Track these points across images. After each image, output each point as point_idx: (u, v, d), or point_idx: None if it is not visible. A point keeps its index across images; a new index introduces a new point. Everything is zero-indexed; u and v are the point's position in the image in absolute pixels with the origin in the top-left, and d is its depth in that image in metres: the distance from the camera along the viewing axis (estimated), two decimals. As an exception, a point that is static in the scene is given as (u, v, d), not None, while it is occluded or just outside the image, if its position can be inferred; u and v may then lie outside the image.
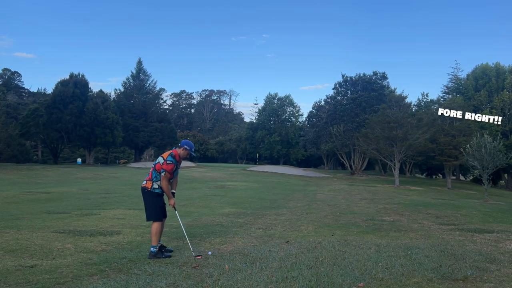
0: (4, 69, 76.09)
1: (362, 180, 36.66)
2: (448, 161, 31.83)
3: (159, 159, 5.64)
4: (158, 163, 5.60)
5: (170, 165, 5.52)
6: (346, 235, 7.33)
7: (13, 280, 4.20)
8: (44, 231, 7.04)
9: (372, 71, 48.76)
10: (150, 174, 5.63)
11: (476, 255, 5.50)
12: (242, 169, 44.00)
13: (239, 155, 75.31)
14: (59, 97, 44.91)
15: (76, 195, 15.53)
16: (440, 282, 4.22)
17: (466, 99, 41.26)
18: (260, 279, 4.27)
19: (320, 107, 54.60)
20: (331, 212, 11.58)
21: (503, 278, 4.38)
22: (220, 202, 14.01)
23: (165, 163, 5.53)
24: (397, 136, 31.92)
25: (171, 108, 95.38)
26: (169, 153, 5.67)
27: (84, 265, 4.85)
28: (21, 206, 11.78)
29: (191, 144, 5.78)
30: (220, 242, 6.56)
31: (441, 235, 7.45)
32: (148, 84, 57.99)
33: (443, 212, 12.09)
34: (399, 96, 40.23)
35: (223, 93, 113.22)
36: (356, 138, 38.43)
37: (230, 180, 27.43)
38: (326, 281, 4.18)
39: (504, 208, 15.45)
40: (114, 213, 10.11)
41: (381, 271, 4.59)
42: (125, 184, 22.60)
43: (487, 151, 22.71)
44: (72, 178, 27.60)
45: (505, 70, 43.45)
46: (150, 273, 4.52)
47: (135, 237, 6.88)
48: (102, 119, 44.80)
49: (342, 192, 21.48)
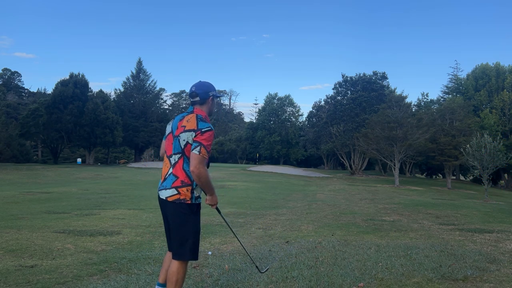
0: (4, 69, 76.20)
1: (362, 180, 36.66)
2: (448, 161, 31.84)
3: (185, 136, 3.06)
4: (187, 143, 3.06)
5: (211, 138, 3.06)
6: (346, 235, 7.33)
7: (13, 280, 4.19)
8: (44, 231, 7.04)
9: (372, 71, 48.83)
10: (182, 171, 3.10)
11: (476, 255, 5.49)
12: (242, 169, 43.99)
13: (239, 155, 75.31)
14: (59, 97, 44.95)
15: (76, 195, 15.52)
16: (440, 282, 4.22)
17: (466, 99, 41.27)
18: (260, 279, 4.27)
19: (320, 107, 54.60)
20: (331, 212, 11.57)
21: (503, 278, 4.38)
22: (220, 202, 13.97)
23: (200, 135, 3.02)
24: (397, 136, 31.92)
25: (171, 108, 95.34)
26: (194, 118, 3.12)
27: (84, 265, 4.85)
28: (21, 206, 11.78)
29: (212, 87, 3.34)
30: (220, 242, 6.56)
31: (441, 235, 7.45)
32: (148, 84, 58.07)
33: (443, 212, 12.08)
34: (399, 96, 40.22)
35: (223, 93, 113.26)
36: (356, 138, 38.44)
37: (230, 180, 27.41)
38: (326, 281, 4.18)
39: (504, 208, 15.44)
40: (114, 213, 10.11)
41: (381, 271, 4.59)
42: (125, 184, 22.59)
43: (487, 151, 22.72)
44: (72, 178, 27.59)
45: (505, 70, 43.46)
46: (150, 273, 4.52)
47: (135, 237, 6.88)
48: (102, 119, 44.82)
49: (342, 192, 21.47)
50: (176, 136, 3.14)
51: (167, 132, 3.32)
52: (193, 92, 3.25)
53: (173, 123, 3.27)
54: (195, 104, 3.24)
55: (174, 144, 3.15)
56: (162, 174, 3.25)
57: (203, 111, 3.22)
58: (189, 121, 3.10)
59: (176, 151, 3.12)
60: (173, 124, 3.25)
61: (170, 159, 3.17)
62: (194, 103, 3.25)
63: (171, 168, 3.15)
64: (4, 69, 76.26)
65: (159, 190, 3.25)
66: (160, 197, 3.23)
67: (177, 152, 3.12)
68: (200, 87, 3.26)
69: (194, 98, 3.24)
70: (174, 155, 3.14)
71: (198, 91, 3.24)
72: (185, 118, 3.16)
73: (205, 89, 3.26)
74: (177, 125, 3.18)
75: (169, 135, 3.24)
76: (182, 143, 3.08)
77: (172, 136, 3.19)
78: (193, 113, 3.18)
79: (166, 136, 3.31)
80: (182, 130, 3.09)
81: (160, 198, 3.23)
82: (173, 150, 3.15)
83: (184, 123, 3.12)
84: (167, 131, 3.31)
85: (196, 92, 3.24)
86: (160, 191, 3.22)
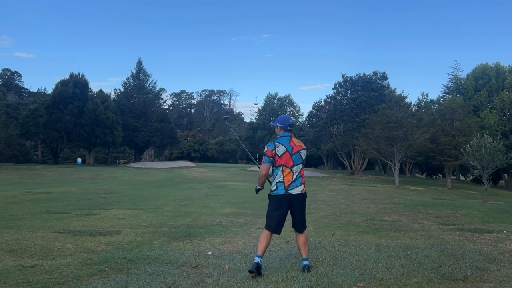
0: (4, 69, 76.17)
1: (362, 180, 36.66)
2: (448, 161, 31.84)
3: (304, 152, 4.74)
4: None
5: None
6: (346, 235, 7.34)
7: (13, 280, 4.20)
8: (44, 231, 7.04)
9: (372, 71, 48.79)
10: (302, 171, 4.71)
11: (476, 255, 5.50)
12: (242, 169, 44.01)
13: (239, 155, 75.32)
14: (59, 97, 44.92)
15: (76, 195, 15.52)
16: (440, 282, 4.22)
17: (466, 99, 41.26)
18: (260, 279, 4.27)
19: (320, 107, 54.58)
20: (331, 212, 11.57)
21: (503, 278, 4.38)
22: (220, 202, 14.00)
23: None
24: (397, 136, 31.92)
25: (171, 108, 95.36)
26: (299, 140, 4.82)
27: (84, 265, 4.85)
28: (21, 206, 11.78)
29: (281, 118, 4.77)
30: (220, 242, 6.56)
31: (441, 235, 7.45)
32: (148, 84, 57.99)
33: (443, 212, 12.08)
34: (399, 96, 40.20)
35: (223, 93, 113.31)
36: (356, 138, 38.43)
37: (230, 180, 27.42)
38: (326, 281, 4.19)
39: (504, 208, 15.44)
40: (114, 213, 10.11)
41: (381, 271, 4.59)
42: (125, 184, 22.60)
43: (487, 151, 22.71)
44: (72, 178, 27.60)
45: (505, 70, 43.44)
46: (150, 273, 4.52)
47: (135, 237, 6.88)
48: (102, 119, 44.80)
49: (342, 192, 21.47)
50: (295, 152, 4.62)
51: (281, 152, 4.57)
52: (292, 123, 4.75)
53: (285, 144, 4.62)
54: (291, 131, 4.74)
55: (295, 157, 4.62)
56: (288, 180, 4.57)
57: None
58: (299, 142, 4.71)
59: (298, 162, 4.65)
60: (286, 144, 4.61)
61: (293, 168, 4.59)
62: (291, 130, 4.73)
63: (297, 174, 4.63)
64: (4, 69, 76.28)
65: (289, 190, 4.55)
66: (293, 193, 4.56)
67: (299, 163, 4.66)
68: (292, 121, 4.83)
69: (292, 127, 4.75)
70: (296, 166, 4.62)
71: (293, 123, 4.82)
72: (293, 140, 4.68)
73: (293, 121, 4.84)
74: (290, 145, 4.62)
75: (286, 153, 4.58)
76: (303, 156, 4.70)
77: (290, 154, 4.59)
78: (293, 136, 4.72)
79: (282, 154, 4.56)
80: (300, 149, 4.67)
81: (293, 194, 4.57)
82: (295, 162, 4.62)
83: (297, 143, 4.68)
84: (282, 151, 4.58)
85: (293, 124, 4.77)
86: (292, 189, 4.56)
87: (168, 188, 21.16)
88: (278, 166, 4.55)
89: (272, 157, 4.56)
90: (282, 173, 4.54)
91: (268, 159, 4.57)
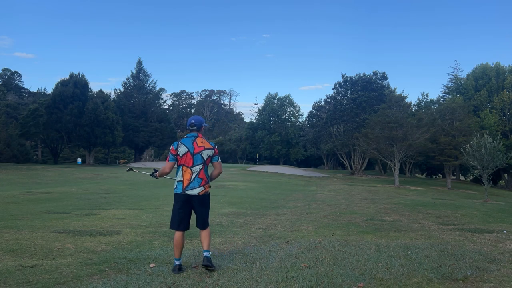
0: (4, 69, 76.18)
1: (362, 180, 36.66)
2: (448, 161, 31.84)
3: (207, 152, 4.73)
4: (208, 157, 4.74)
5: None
6: (346, 235, 7.33)
7: (13, 280, 4.20)
8: (44, 231, 7.04)
9: (372, 71, 48.85)
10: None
11: (476, 255, 5.50)
12: (242, 169, 44.00)
13: (239, 155, 75.34)
14: (59, 97, 44.93)
15: (76, 195, 15.52)
16: (440, 282, 4.22)
17: (466, 99, 41.28)
18: (260, 279, 4.27)
19: (320, 107, 54.61)
20: (331, 212, 11.57)
21: (503, 278, 4.38)
22: (220, 202, 13.99)
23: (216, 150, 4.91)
24: (397, 136, 31.93)
25: (171, 108, 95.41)
26: (205, 140, 4.84)
27: (84, 265, 4.85)
28: (21, 206, 11.78)
29: (189, 119, 4.91)
30: (220, 242, 6.56)
31: (441, 235, 7.45)
32: (148, 84, 58.03)
33: (443, 212, 12.08)
34: (399, 96, 40.25)
35: (223, 93, 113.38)
36: (356, 138, 38.45)
37: (230, 180, 27.41)
38: (326, 281, 4.19)
39: (504, 208, 15.44)
40: (114, 213, 10.11)
41: (381, 271, 4.59)
42: (125, 184, 22.59)
43: (487, 151, 22.71)
44: (72, 178, 27.59)
45: (505, 70, 43.45)
46: (150, 273, 4.52)
47: (135, 237, 6.88)
48: (102, 119, 44.80)
49: (342, 192, 21.47)
50: (196, 153, 4.64)
51: (182, 152, 4.64)
52: (193, 123, 4.79)
53: (187, 144, 4.67)
54: (195, 131, 4.77)
55: (196, 158, 4.64)
56: (186, 179, 4.64)
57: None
58: (203, 142, 4.70)
59: (198, 162, 4.66)
60: (189, 145, 4.67)
61: (192, 169, 4.62)
62: (193, 130, 4.77)
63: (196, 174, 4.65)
64: (4, 69, 76.28)
65: (186, 190, 4.60)
66: (190, 194, 4.61)
67: (200, 163, 4.67)
68: (197, 120, 4.83)
69: (193, 128, 4.78)
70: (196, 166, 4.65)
71: (196, 123, 4.79)
72: (197, 140, 4.70)
73: (201, 121, 4.85)
74: (193, 145, 4.66)
75: (187, 153, 4.62)
76: (205, 157, 4.68)
77: (191, 154, 4.63)
78: (199, 136, 4.74)
79: (183, 154, 4.62)
80: (203, 149, 4.67)
81: (189, 194, 4.61)
82: (195, 162, 4.64)
83: (200, 144, 4.68)
84: (183, 151, 4.64)
85: (194, 123, 4.78)
86: (189, 190, 4.61)
87: (168, 188, 21.16)
88: (180, 165, 4.69)
89: (175, 156, 4.70)
90: (182, 173, 4.67)
91: (173, 157, 4.69)
